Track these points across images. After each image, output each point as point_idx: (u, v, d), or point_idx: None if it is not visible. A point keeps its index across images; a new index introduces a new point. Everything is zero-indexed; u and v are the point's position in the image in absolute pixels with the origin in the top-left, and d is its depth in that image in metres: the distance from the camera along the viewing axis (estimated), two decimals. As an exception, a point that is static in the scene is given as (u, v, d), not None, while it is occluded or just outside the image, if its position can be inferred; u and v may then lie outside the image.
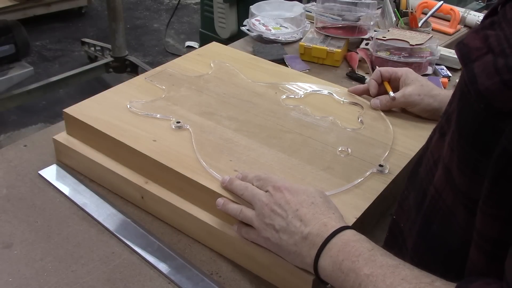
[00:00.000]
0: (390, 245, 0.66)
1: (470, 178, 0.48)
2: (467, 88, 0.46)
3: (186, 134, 0.80)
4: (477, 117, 0.45)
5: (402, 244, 0.62)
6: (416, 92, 0.88)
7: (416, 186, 0.60)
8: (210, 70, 1.00)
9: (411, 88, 0.89)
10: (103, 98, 0.89)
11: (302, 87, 0.96)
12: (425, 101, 0.88)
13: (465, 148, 0.48)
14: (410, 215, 0.61)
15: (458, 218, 0.51)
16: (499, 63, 0.43)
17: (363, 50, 1.24)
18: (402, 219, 0.63)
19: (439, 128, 0.57)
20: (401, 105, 0.91)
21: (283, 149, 0.78)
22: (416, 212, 0.59)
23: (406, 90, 0.89)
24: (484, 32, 0.47)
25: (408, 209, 0.62)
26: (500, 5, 0.48)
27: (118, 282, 0.67)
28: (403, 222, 0.63)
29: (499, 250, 0.45)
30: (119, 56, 2.84)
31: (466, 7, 1.58)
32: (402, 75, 0.92)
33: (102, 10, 3.89)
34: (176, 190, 0.74)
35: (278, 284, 0.67)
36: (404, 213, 0.63)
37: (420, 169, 0.60)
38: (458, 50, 0.48)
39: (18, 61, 2.57)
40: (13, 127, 2.59)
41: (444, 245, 0.54)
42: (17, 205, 0.78)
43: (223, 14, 2.36)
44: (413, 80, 0.90)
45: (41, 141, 0.92)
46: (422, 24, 1.33)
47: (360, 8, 1.31)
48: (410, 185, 0.63)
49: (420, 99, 0.88)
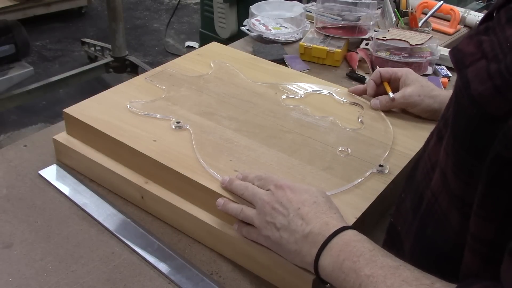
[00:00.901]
0: (388, 247, 0.65)
1: (465, 182, 0.48)
2: (461, 93, 0.46)
3: (186, 134, 0.80)
4: (471, 122, 0.45)
5: (399, 246, 0.62)
6: (416, 92, 0.88)
7: (413, 189, 0.60)
8: (210, 70, 1.00)
9: (411, 88, 0.89)
10: (103, 98, 0.89)
11: (302, 87, 0.96)
12: (425, 102, 0.88)
13: (459, 152, 0.48)
14: (407, 218, 0.61)
15: (452, 221, 0.51)
16: (492, 68, 0.43)
17: (363, 50, 1.24)
18: (399, 222, 0.64)
19: (437, 132, 0.57)
20: (401, 106, 0.91)
21: (283, 149, 0.78)
22: (413, 215, 0.59)
23: (406, 91, 0.89)
24: (478, 38, 0.47)
25: (405, 212, 0.62)
26: (495, 11, 0.48)
27: (118, 282, 0.67)
28: (400, 224, 0.63)
29: (495, 252, 0.45)
30: (119, 56, 2.84)
31: (466, 7, 1.58)
32: (402, 75, 0.92)
33: (102, 10, 3.89)
34: (176, 190, 0.74)
35: (278, 284, 0.67)
36: (401, 216, 0.63)
37: (417, 172, 0.60)
38: (453, 56, 0.49)
39: (18, 61, 2.57)
40: (13, 127, 2.59)
41: (437, 248, 0.54)
42: (17, 205, 0.78)
43: (223, 14, 2.36)
44: (413, 81, 0.90)
45: (41, 141, 0.92)
46: (422, 24, 1.33)
47: (360, 8, 1.31)
48: (407, 188, 0.63)
49: (420, 100, 0.88)
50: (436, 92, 0.89)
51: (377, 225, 0.78)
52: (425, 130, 0.85)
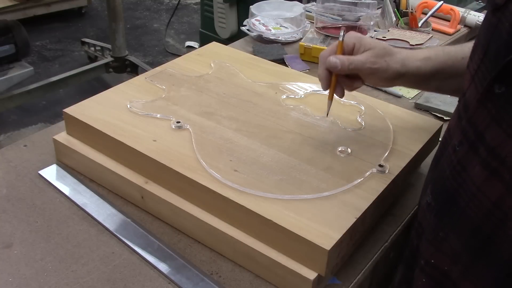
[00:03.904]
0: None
1: None
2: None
3: (186, 134, 0.80)
4: None
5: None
6: (380, 54, 0.73)
7: (463, 229, 0.55)
8: (210, 70, 1.00)
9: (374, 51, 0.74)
10: (103, 98, 0.89)
11: (302, 87, 0.96)
12: (392, 66, 0.73)
13: None
14: (460, 259, 0.56)
15: None
16: None
17: (363, 50, 1.23)
18: (445, 263, 0.59)
19: (482, 164, 0.51)
20: (365, 71, 0.74)
21: (283, 149, 0.78)
22: (472, 257, 0.54)
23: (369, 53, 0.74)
24: None
25: (453, 253, 0.57)
26: None
27: (118, 282, 0.67)
28: (448, 265, 0.58)
29: None
30: (119, 56, 2.84)
31: (466, 7, 1.58)
32: (355, 44, 0.75)
33: (102, 10, 3.89)
34: (176, 190, 0.74)
35: (278, 284, 0.67)
36: (446, 257, 0.58)
37: (461, 209, 0.55)
38: None
39: (18, 61, 2.57)
40: (13, 127, 2.59)
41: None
42: (17, 205, 0.78)
43: (223, 14, 2.36)
44: (371, 44, 0.74)
45: (41, 141, 0.92)
46: (422, 24, 1.33)
47: (360, 8, 1.31)
48: (445, 226, 0.58)
49: (386, 64, 0.73)
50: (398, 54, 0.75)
51: (377, 225, 0.78)
52: (425, 130, 0.85)
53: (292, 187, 0.70)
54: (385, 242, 0.76)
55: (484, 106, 0.52)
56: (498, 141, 0.50)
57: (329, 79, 0.75)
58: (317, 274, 0.64)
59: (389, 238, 0.77)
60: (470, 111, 0.54)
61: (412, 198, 0.84)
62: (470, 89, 0.56)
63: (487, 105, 0.51)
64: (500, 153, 0.49)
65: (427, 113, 1.07)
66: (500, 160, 0.50)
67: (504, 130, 0.49)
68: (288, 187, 0.70)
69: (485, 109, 0.52)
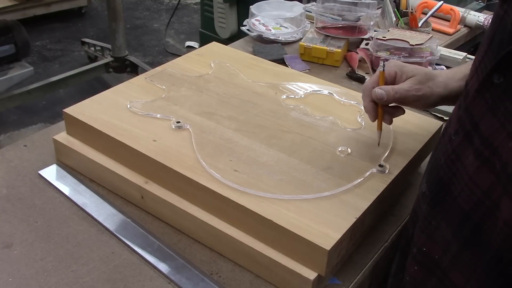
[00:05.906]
0: (421, 279, 0.62)
1: None
2: None
3: (186, 134, 0.80)
4: None
5: (443, 277, 0.58)
6: (423, 81, 0.74)
7: (453, 218, 0.55)
8: (210, 70, 1.00)
9: (416, 79, 0.74)
10: (103, 98, 0.89)
11: (302, 87, 0.96)
12: (435, 91, 0.74)
13: None
14: (450, 248, 0.56)
15: None
16: None
17: (363, 50, 1.24)
18: (436, 252, 0.59)
19: (475, 153, 0.51)
20: (410, 98, 0.74)
21: (283, 149, 0.78)
22: (461, 246, 0.55)
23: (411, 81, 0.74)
24: None
25: (443, 242, 0.57)
26: None
27: (118, 282, 0.67)
28: (439, 254, 0.59)
29: None
30: (119, 56, 2.84)
31: (466, 7, 1.58)
32: (397, 72, 0.76)
33: (102, 10, 3.89)
34: (176, 190, 0.74)
35: (278, 284, 0.67)
36: (437, 245, 0.59)
37: (454, 199, 0.55)
38: None
39: (18, 61, 2.57)
40: (13, 127, 2.59)
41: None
42: (17, 205, 0.78)
43: (223, 14, 2.36)
44: (413, 71, 0.76)
45: (41, 141, 0.92)
46: (422, 24, 1.33)
47: (360, 8, 1.31)
48: (438, 215, 0.58)
49: (430, 90, 0.74)
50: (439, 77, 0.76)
51: (377, 225, 0.78)
52: (425, 130, 0.85)
53: (292, 187, 0.70)
54: (385, 242, 0.76)
55: (482, 96, 0.52)
56: (491, 131, 0.50)
57: (376, 111, 0.75)
58: (317, 274, 0.64)
59: (389, 238, 0.77)
60: (468, 101, 0.55)
61: (412, 198, 0.84)
62: (472, 79, 0.56)
63: (485, 95, 0.52)
64: (493, 143, 0.50)
65: (427, 113, 1.06)
66: (493, 149, 0.50)
67: (499, 119, 0.49)
68: (288, 187, 0.70)
69: (483, 99, 0.52)
